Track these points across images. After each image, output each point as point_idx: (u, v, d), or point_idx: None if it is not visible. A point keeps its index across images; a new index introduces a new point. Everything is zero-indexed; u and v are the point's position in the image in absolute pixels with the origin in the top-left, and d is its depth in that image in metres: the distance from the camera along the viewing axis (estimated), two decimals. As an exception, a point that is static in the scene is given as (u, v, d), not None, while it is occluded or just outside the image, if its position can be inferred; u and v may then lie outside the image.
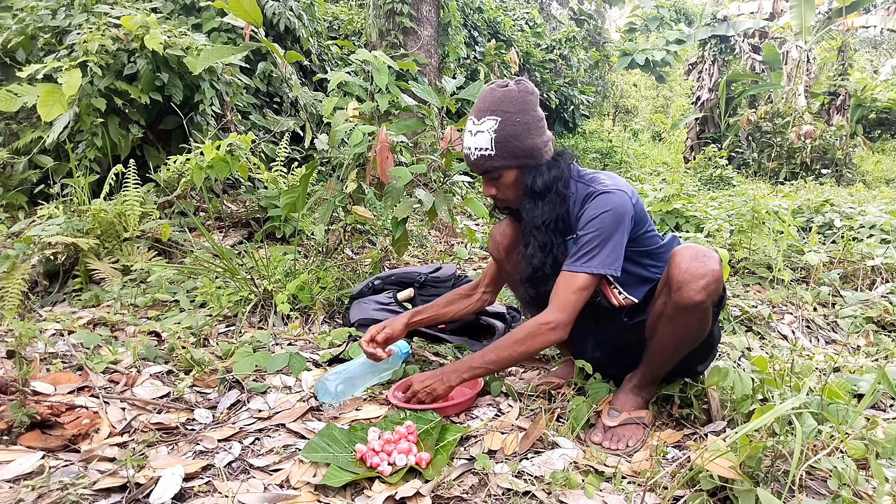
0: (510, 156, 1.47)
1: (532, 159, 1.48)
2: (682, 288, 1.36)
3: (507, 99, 1.46)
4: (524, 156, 1.47)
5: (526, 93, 1.48)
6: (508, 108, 1.45)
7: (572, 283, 1.45)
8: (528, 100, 1.48)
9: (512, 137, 1.45)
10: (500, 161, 1.47)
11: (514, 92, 1.47)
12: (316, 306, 2.41)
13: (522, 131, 1.46)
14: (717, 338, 1.58)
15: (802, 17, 10.25)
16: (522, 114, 1.46)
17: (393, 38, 5.71)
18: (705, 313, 1.41)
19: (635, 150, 13.62)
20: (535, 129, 1.48)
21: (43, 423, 1.39)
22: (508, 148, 1.46)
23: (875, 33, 16.78)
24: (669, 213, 4.21)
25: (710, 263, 1.36)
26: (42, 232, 2.63)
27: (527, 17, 11.11)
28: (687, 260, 1.37)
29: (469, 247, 3.69)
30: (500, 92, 1.47)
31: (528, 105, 1.47)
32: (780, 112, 10.00)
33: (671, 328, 1.44)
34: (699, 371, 1.61)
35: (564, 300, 1.45)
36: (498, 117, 1.45)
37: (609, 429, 1.50)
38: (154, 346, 1.92)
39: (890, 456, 1.29)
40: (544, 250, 1.56)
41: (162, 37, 3.29)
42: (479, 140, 1.47)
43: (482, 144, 1.47)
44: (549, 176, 1.49)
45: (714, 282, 1.36)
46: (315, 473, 1.29)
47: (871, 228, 3.83)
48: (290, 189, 2.70)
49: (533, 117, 1.48)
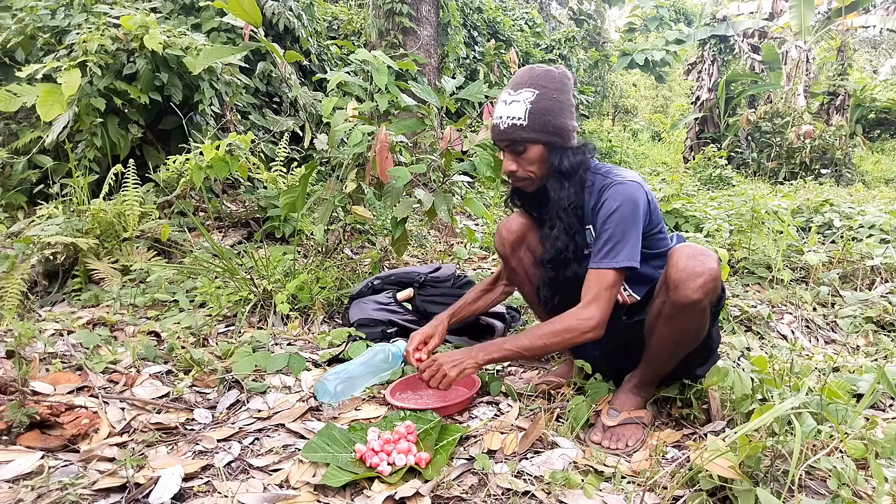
0: (541, 129, 1.47)
1: (560, 139, 1.50)
2: (679, 287, 1.36)
3: (548, 76, 1.50)
4: (554, 132, 1.48)
5: (564, 76, 1.52)
6: (547, 84, 1.48)
7: (604, 279, 1.44)
8: (565, 82, 1.52)
9: (547, 111, 1.47)
10: (530, 133, 1.47)
11: (554, 72, 1.51)
12: (315, 306, 2.41)
13: (557, 108, 1.48)
14: (716, 341, 1.57)
15: (802, 17, 10.26)
16: (559, 93, 1.49)
17: (392, 38, 5.71)
18: (703, 313, 1.40)
19: (635, 150, 13.63)
20: (568, 112, 1.51)
21: (42, 423, 1.39)
22: (542, 121, 1.47)
23: (874, 33, 16.78)
24: (669, 213, 4.21)
25: (708, 262, 1.36)
26: (41, 232, 2.63)
27: (526, 16, 11.11)
28: (684, 259, 1.37)
29: (468, 247, 3.69)
30: (541, 69, 1.52)
31: (565, 87, 1.51)
32: (780, 112, 10.00)
33: (669, 328, 1.43)
34: (699, 374, 1.60)
35: (598, 295, 1.44)
36: (536, 90, 1.47)
37: (608, 428, 1.50)
38: (153, 346, 1.92)
39: (889, 456, 1.29)
40: (569, 233, 1.55)
41: (161, 37, 3.29)
42: (514, 109, 1.48)
43: (516, 113, 1.47)
44: (576, 159, 1.51)
45: (712, 280, 1.36)
46: (314, 473, 1.29)
47: (871, 228, 3.83)
48: (290, 189, 2.70)
49: (568, 99, 1.51)
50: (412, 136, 3.59)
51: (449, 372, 1.50)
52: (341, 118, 2.53)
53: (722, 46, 12.35)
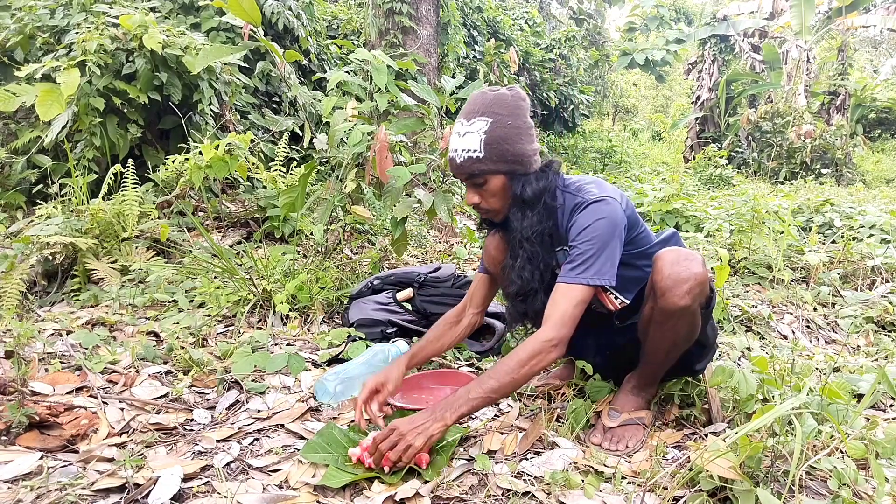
0: (499, 159, 1.40)
1: (521, 166, 1.42)
2: (666, 294, 1.35)
3: (500, 102, 1.42)
4: (513, 161, 1.41)
5: (518, 98, 1.44)
6: (500, 111, 1.40)
7: (570, 295, 1.38)
8: (519, 105, 1.43)
9: (502, 140, 1.39)
10: (488, 164, 1.40)
11: (507, 96, 1.43)
12: (315, 306, 2.41)
13: (513, 135, 1.40)
14: (711, 336, 1.56)
15: (802, 16, 10.26)
16: (514, 118, 1.41)
17: (392, 38, 5.70)
18: (693, 316, 1.40)
19: (635, 149, 13.63)
20: (526, 136, 1.43)
21: (41, 423, 1.39)
22: (498, 151, 1.39)
23: (875, 33, 16.77)
24: (669, 212, 4.21)
25: (693, 267, 1.34)
26: (40, 232, 2.63)
27: (526, 16, 11.11)
28: (669, 265, 1.36)
29: (468, 247, 3.69)
30: (492, 95, 1.43)
31: (519, 110, 1.43)
32: (780, 112, 10.00)
33: (661, 333, 1.43)
34: (698, 370, 1.60)
35: (563, 314, 1.37)
36: (489, 118, 1.40)
37: (609, 429, 1.50)
38: (153, 347, 1.92)
39: (890, 456, 1.29)
40: (533, 263, 1.50)
41: (160, 36, 3.29)
42: (468, 141, 1.40)
43: (471, 146, 1.40)
44: (538, 186, 1.43)
45: (698, 285, 1.34)
46: (314, 474, 1.29)
47: (871, 228, 3.83)
48: (289, 189, 2.69)
49: (524, 123, 1.43)
50: (412, 136, 3.58)
51: (413, 442, 1.28)
52: (341, 118, 2.52)
53: (722, 46, 12.34)
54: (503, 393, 1.36)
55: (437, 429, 1.31)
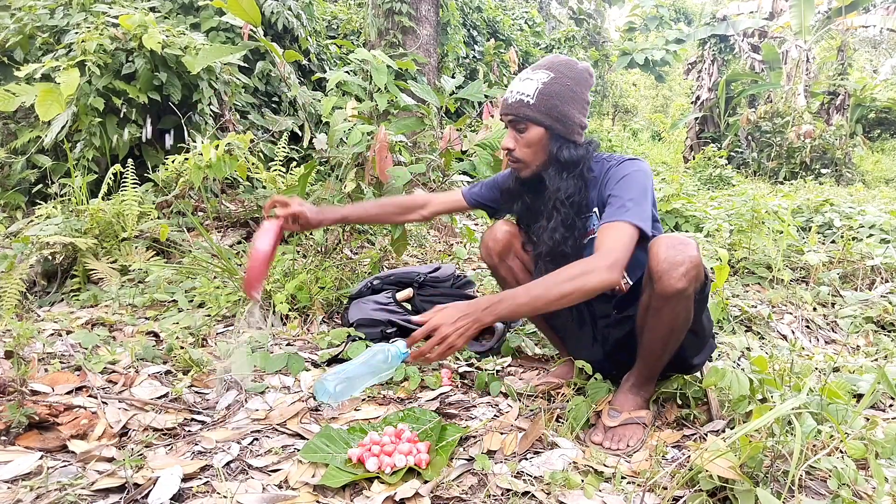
0: (546, 112, 1.46)
1: (563, 127, 1.48)
2: (662, 277, 1.36)
3: (569, 65, 1.50)
4: (558, 119, 1.47)
5: (586, 71, 1.52)
6: (565, 72, 1.48)
7: (618, 230, 1.37)
8: (584, 77, 1.51)
9: (556, 95, 1.46)
10: (534, 112, 1.46)
11: (577, 64, 1.52)
12: (314, 306, 2.41)
13: (568, 96, 1.47)
14: (707, 327, 1.55)
15: (802, 16, 10.27)
16: (574, 82, 1.48)
17: (392, 38, 5.71)
18: (689, 300, 1.40)
19: (635, 149, 13.63)
20: (578, 104, 1.50)
21: (41, 423, 1.39)
22: (548, 104, 1.46)
23: (874, 33, 16.78)
24: (669, 212, 4.21)
25: (688, 250, 1.36)
26: (40, 232, 2.63)
27: (526, 16, 11.11)
28: (664, 249, 1.37)
29: (468, 247, 3.69)
30: (566, 58, 1.53)
31: (583, 80, 1.50)
32: (780, 112, 10.00)
33: (658, 320, 1.44)
34: (696, 364, 1.60)
35: (611, 244, 1.35)
36: (552, 73, 1.47)
37: (609, 429, 1.50)
38: (152, 347, 1.91)
39: (889, 456, 1.29)
40: (566, 225, 1.53)
41: (160, 36, 3.29)
42: (526, 86, 1.48)
43: (526, 90, 1.47)
44: (576, 153, 1.49)
45: (694, 267, 1.35)
46: (314, 474, 1.29)
47: (871, 228, 3.83)
48: (289, 189, 2.70)
49: (582, 92, 1.50)
50: (412, 136, 3.58)
51: (456, 343, 1.27)
52: (340, 118, 2.52)
53: (722, 46, 12.34)
54: (548, 304, 1.30)
55: (475, 329, 1.28)
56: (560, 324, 1.81)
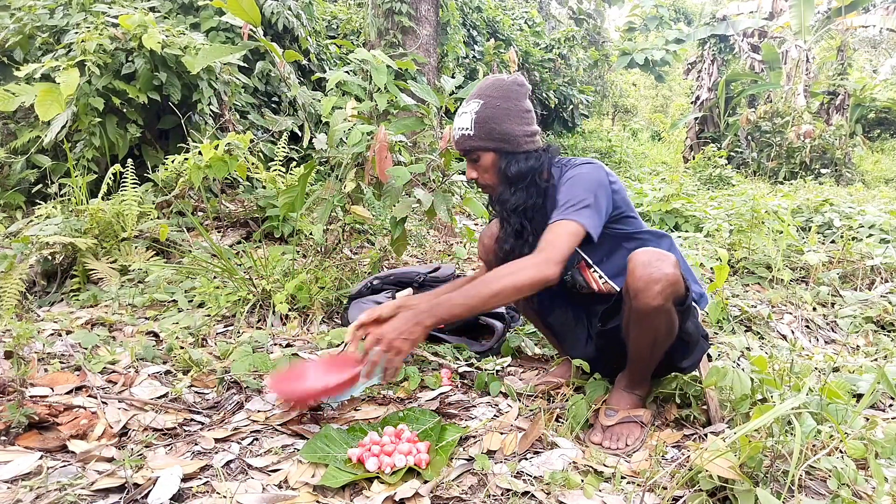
0: (486, 137, 1.52)
1: (507, 144, 1.53)
2: (638, 295, 1.37)
3: (494, 86, 1.54)
4: (499, 139, 1.52)
5: (514, 83, 1.55)
6: (492, 94, 1.53)
7: (555, 229, 1.42)
8: (513, 89, 1.54)
9: (489, 119, 1.51)
10: (476, 141, 1.53)
11: (503, 81, 1.55)
12: (314, 306, 2.41)
13: (501, 115, 1.52)
14: (694, 333, 1.53)
15: (802, 16, 10.27)
16: (504, 100, 1.52)
17: (392, 38, 5.71)
18: (668, 314, 1.40)
19: (634, 149, 13.62)
20: (515, 117, 1.52)
21: (41, 423, 1.39)
22: (485, 129, 1.51)
23: (874, 33, 16.79)
24: (669, 212, 4.21)
25: (664, 267, 1.36)
26: (40, 232, 2.63)
27: (526, 16, 11.11)
28: (640, 266, 1.37)
29: (468, 246, 3.69)
30: (491, 80, 1.56)
31: (511, 94, 1.53)
32: (780, 111, 10.00)
33: (639, 332, 1.45)
34: (685, 367, 1.60)
35: (549, 242, 1.40)
36: (481, 100, 1.53)
37: (607, 428, 1.50)
38: (152, 347, 1.91)
39: (889, 456, 1.29)
40: (517, 235, 1.59)
41: (160, 36, 3.29)
42: (463, 120, 1.54)
43: (465, 124, 1.54)
44: (525, 165, 1.54)
45: (669, 285, 1.35)
46: (314, 474, 1.29)
47: (871, 228, 3.83)
48: (289, 189, 2.69)
49: (515, 105, 1.53)
50: (411, 136, 3.58)
51: (401, 347, 1.30)
52: (340, 118, 2.52)
53: (722, 46, 12.34)
54: (485, 303, 1.34)
55: (418, 332, 1.32)
56: (556, 323, 1.82)
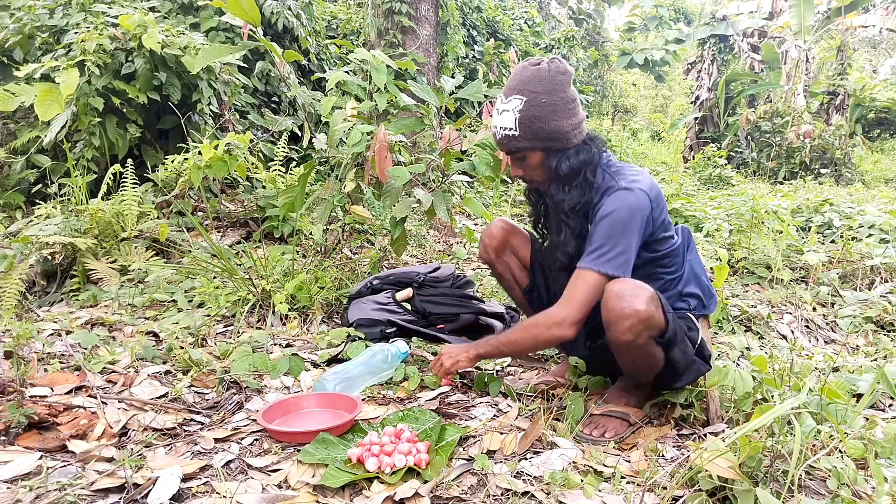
0: (534, 137, 1.44)
1: (557, 142, 1.45)
2: (609, 327, 1.36)
3: (536, 78, 1.42)
4: (548, 138, 1.44)
5: (557, 72, 1.44)
6: (535, 88, 1.42)
7: (582, 279, 1.41)
8: (557, 80, 1.43)
9: (536, 119, 1.42)
10: (523, 142, 1.45)
11: (544, 71, 1.43)
12: (314, 306, 2.41)
13: (548, 113, 1.42)
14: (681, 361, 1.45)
15: (801, 16, 10.26)
16: (549, 94, 1.42)
17: (391, 38, 5.70)
18: (642, 349, 1.37)
19: (634, 149, 13.61)
20: (563, 111, 1.43)
21: (41, 423, 1.39)
22: (532, 129, 1.43)
23: (874, 33, 16.79)
24: (669, 213, 4.21)
25: (636, 303, 1.31)
26: (40, 232, 2.63)
27: (526, 16, 11.10)
28: (614, 298, 1.34)
29: (468, 246, 3.69)
30: (531, 70, 1.44)
31: (556, 86, 1.43)
32: (780, 111, 9.99)
33: (621, 358, 1.45)
34: (679, 387, 1.55)
35: (573, 296, 1.42)
36: (524, 97, 1.42)
37: (592, 416, 1.52)
38: (152, 347, 1.91)
39: (889, 456, 1.29)
40: (576, 236, 1.51)
41: (160, 36, 3.28)
42: (505, 119, 1.45)
43: (507, 124, 1.44)
44: (577, 160, 1.46)
45: (640, 322, 1.31)
46: (314, 474, 1.29)
47: (871, 228, 3.83)
48: (289, 189, 2.69)
49: (561, 98, 1.43)
50: (411, 136, 3.58)
51: (445, 363, 1.64)
52: (340, 118, 2.52)
53: (721, 46, 12.34)
54: (511, 348, 1.60)
55: (462, 358, 1.63)
56: None
